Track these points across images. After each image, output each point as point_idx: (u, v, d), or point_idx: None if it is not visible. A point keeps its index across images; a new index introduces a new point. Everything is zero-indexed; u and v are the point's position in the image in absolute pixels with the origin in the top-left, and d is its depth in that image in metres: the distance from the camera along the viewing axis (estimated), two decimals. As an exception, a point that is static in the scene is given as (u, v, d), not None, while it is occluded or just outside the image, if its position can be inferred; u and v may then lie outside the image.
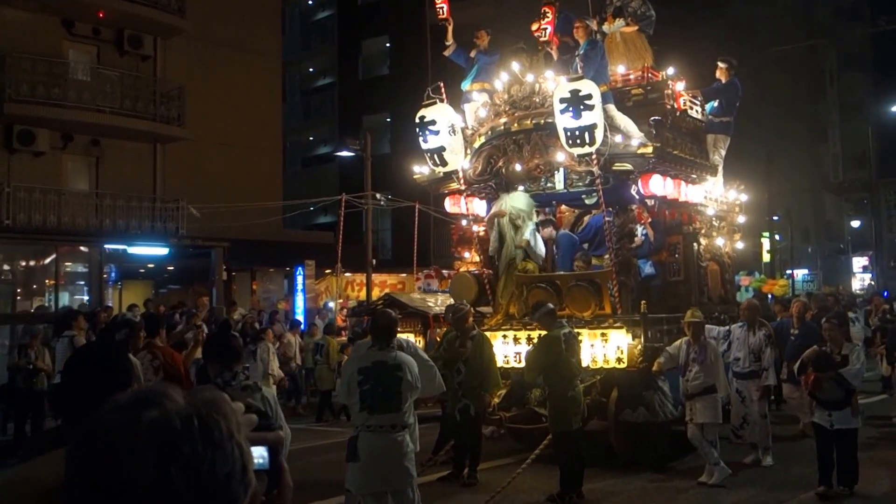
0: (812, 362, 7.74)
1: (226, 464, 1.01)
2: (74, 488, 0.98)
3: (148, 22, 21.11)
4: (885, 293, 28.28)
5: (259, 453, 1.22)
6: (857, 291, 43.20)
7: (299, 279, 20.66)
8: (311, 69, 37.37)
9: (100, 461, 0.97)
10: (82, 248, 20.80)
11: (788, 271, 36.40)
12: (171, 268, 23.35)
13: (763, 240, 30.93)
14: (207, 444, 1.00)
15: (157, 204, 21.08)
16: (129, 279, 22.63)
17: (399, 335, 6.69)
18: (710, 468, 8.49)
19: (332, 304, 19.91)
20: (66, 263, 21.50)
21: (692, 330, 8.78)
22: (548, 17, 10.47)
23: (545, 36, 10.29)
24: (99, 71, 20.78)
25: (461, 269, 11.94)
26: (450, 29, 11.23)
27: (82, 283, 21.69)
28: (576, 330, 9.17)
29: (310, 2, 37.29)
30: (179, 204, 20.74)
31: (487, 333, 9.91)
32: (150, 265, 22.79)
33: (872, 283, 44.70)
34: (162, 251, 21.33)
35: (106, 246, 20.35)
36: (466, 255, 11.66)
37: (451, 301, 10.39)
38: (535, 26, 10.56)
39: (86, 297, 20.84)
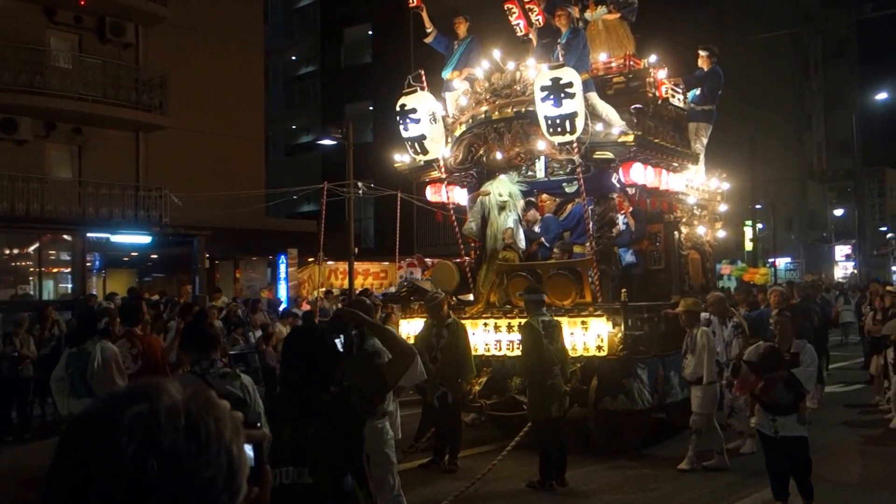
0: (758, 361, 6.59)
1: (209, 466, 0.98)
2: (55, 473, 0.98)
3: (129, 10, 20.95)
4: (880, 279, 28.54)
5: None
6: (840, 280, 43.54)
7: (282, 268, 20.63)
8: (293, 57, 37.20)
9: (81, 448, 0.97)
10: (65, 237, 20.67)
11: (771, 260, 36.65)
12: (155, 256, 23.26)
13: (746, 228, 31.08)
14: (191, 443, 0.97)
15: (139, 192, 20.97)
16: (112, 267, 22.53)
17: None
18: (691, 456, 8.55)
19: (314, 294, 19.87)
20: (50, 252, 21.37)
21: (686, 319, 8.83)
22: (534, 11, 10.45)
23: (522, 28, 10.27)
24: (81, 59, 20.60)
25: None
26: (424, 16, 11.19)
27: (66, 271, 21.57)
28: (556, 318, 9.23)
29: (292, -11, 37.07)
30: (162, 192, 20.64)
31: (468, 322, 9.95)
32: (134, 253, 22.69)
33: (855, 271, 45.05)
34: (145, 239, 21.23)
35: (89, 234, 20.22)
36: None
37: None
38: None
39: (69, 286, 20.75)
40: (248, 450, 1.15)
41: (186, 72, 21.88)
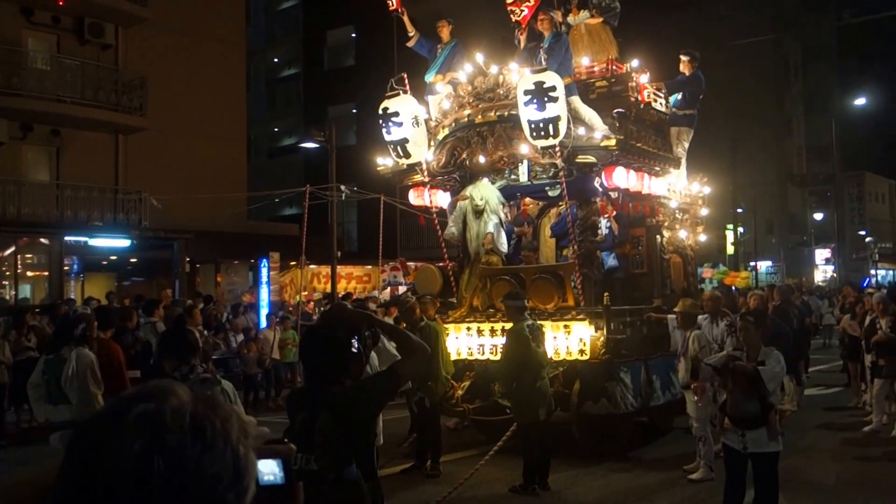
0: (722, 370, 6.18)
1: (213, 464, 0.99)
2: (65, 472, 1.00)
3: (109, 10, 20.76)
4: (865, 282, 28.78)
5: (270, 468, 1.18)
6: (820, 283, 43.92)
7: (264, 271, 20.46)
8: (276, 59, 37.07)
9: (88, 448, 0.99)
10: (42, 240, 20.42)
11: (752, 263, 36.89)
12: (134, 260, 23.02)
13: (727, 232, 31.27)
14: (196, 441, 0.99)
15: (119, 195, 20.77)
16: (91, 271, 22.27)
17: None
18: (697, 461, 8.51)
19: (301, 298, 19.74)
20: (27, 255, 21.11)
21: (682, 320, 8.84)
22: (529, 3, 10.38)
23: (519, 16, 10.20)
24: (59, 60, 20.41)
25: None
26: (406, 19, 11.15)
27: (43, 275, 21.31)
28: (539, 322, 9.21)
29: (275, -9, 36.94)
30: (142, 195, 20.45)
31: (451, 326, 9.92)
32: (113, 257, 22.45)
33: (835, 275, 45.46)
34: (124, 243, 21.03)
35: (67, 238, 20.00)
36: None
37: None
38: None
39: (46, 290, 20.51)
40: (276, 465, 1.18)
41: (167, 73, 21.71)
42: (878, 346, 10.54)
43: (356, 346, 3.61)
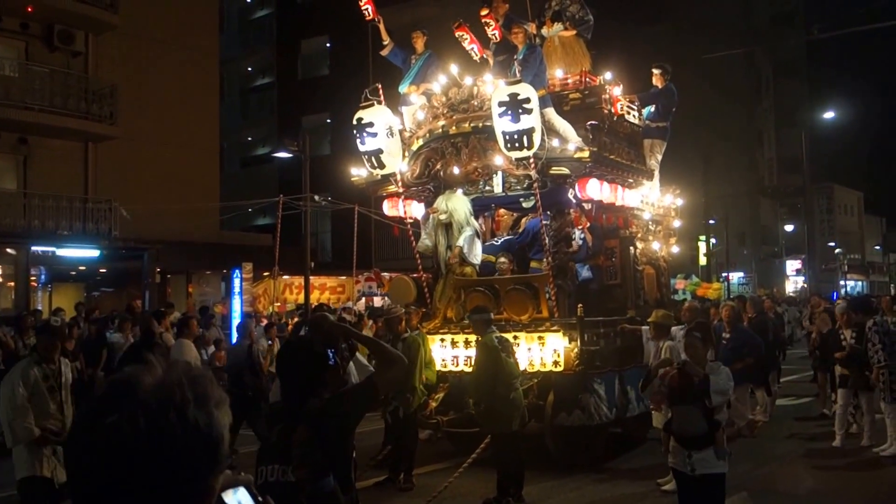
0: (673, 383, 5.90)
1: (185, 425, 1.15)
2: (73, 442, 1.18)
3: (79, 17, 20.50)
4: (835, 295, 29.12)
5: (238, 497, 1.26)
6: (790, 294, 44.42)
7: (236, 282, 20.26)
8: (249, 68, 36.89)
9: (88, 418, 1.17)
10: (9, 251, 20.04)
11: (724, 274, 37.23)
12: (104, 270, 22.68)
13: (700, 243, 31.53)
14: (199, 403, 1.18)
15: (88, 205, 20.46)
16: (59, 281, 21.91)
17: None
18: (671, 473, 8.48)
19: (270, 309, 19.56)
20: (-8, 265, 20.74)
21: (655, 331, 8.84)
22: (491, 25, 10.45)
23: (476, 52, 10.26)
24: (27, 67, 20.10)
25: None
26: (382, 28, 11.13)
27: (9, 285, 20.92)
28: (513, 333, 9.20)
29: (248, 0, 36.76)
30: (112, 205, 20.17)
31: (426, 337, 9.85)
32: (82, 267, 22.11)
33: (805, 285, 45.98)
34: (93, 253, 20.71)
35: (34, 248, 19.66)
36: None
37: None
38: (484, 11, 10.52)
39: (13, 301, 20.13)
40: (243, 492, 1.27)
41: (138, 81, 21.49)
42: (842, 357, 10.57)
43: (332, 358, 3.59)
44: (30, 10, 19.75)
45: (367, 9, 10.87)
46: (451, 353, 9.80)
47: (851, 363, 10.37)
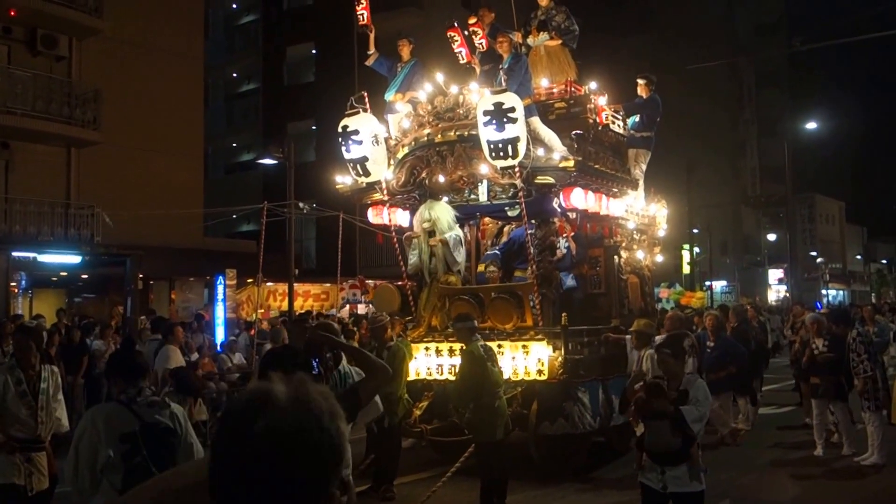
0: (642, 402, 5.69)
1: (321, 433, 1.30)
2: (217, 448, 1.32)
3: (63, 21, 20.34)
4: (819, 305, 29.29)
5: None
6: (773, 303, 44.71)
7: (220, 289, 20.16)
8: (234, 74, 36.77)
9: (228, 433, 1.31)
10: (-10, 256, 19.86)
11: (708, 283, 37.44)
12: (86, 276, 22.48)
13: (683, 252, 31.70)
14: (308, 415, 1.31)
15: (70, 210, 20.28)
16: (40, 287, 21.70)
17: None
18: None
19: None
20: (-28, 271, 20.49)
21: (637, 340, 8.84)
22: (478, 34, 10.49)
23: (464, 56, 10.28)
24: (10, 71, 19.90)
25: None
26: (371, 37, 11.14)
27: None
28: (498, 342, 9.19)
29: (234, 5, 36.69)
30: (94, 210, 20.00)
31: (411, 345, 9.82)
32: (63, 273, 21.89)
33: (787, 294, 46.32)
34: (75, 259, 20.51)
35: (14, 253, 19.45)
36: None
37: None
38: (472, 20, 10.55)
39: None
40: None
41: (122, 86, 21.34)
42: (814, 366, 10.60)
43: (317, 367, 3.58)
44: (13, 13, 19.61)
45: (362, 14, 10.87)
46: (435, 361, 9.78)
47: (823, 372, 10.43)
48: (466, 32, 10.71)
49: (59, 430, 6.37)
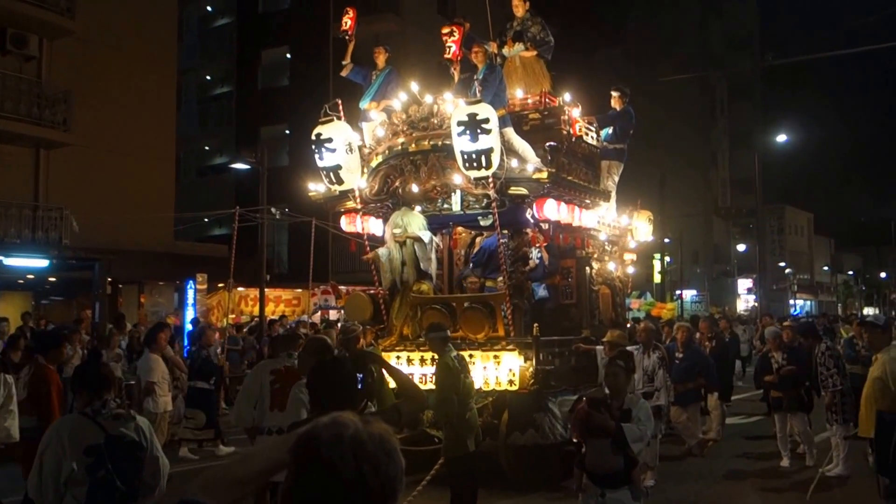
0: (582, 419, 5.46)
1: (395, 466, 1.57)
2: (297, 482, 1.55)
3: (33, 21, 20.06)
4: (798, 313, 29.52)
5: None
6: (742, 312, 45.18)
7: (190, 293, 19.96)
8: (208, 77, 36.46)
9: (315, 461, 1.51)
10: (-46, 258, 19.50)
11: (678, 292, 37.77)
12: (54, 279, 22.14)
13: (655, 261, 31.97)
14: (383, 451, 1.56)
15: (38, 212, 19.99)
16: (6, 290, 21.34)
17: None
18: None
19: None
20: (-65, 273, 20.11)
21: (609, 351, 8.88)
22: (454, 37, 10.47)
23: (449, 53, 10.26)
24: (-24, 70, 19.63)
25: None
26: (350, 46, 11.10)
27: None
28: (469, 352, 9.19)
29: (208, 8, 36.39)
30: (63, 213, 19.73)
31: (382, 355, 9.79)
32: (30, 276, 21.57)
33: (756, 304, 46.84)
34: (42, 262, 20.21)
35: (-22, 255, 19.13)
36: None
37: None
38: (445, 30, 10.56)
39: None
40: None
41: (94, 88, 21.09)
42: (776, 379, 10.71)
43: (360, 382, 3.59)
44: (-19, 12, 19.33)
45: (346, 22, 10.83)
46: (407, 370, 9.74)
47: (784, 386, 10.55)
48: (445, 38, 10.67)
49: (7, 441, 6.25)
